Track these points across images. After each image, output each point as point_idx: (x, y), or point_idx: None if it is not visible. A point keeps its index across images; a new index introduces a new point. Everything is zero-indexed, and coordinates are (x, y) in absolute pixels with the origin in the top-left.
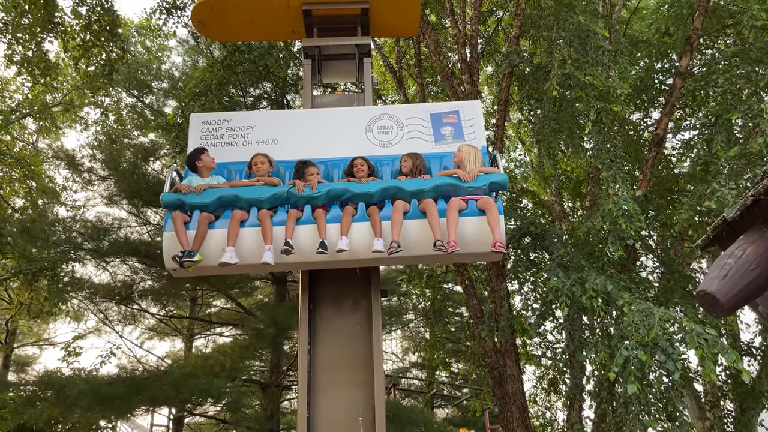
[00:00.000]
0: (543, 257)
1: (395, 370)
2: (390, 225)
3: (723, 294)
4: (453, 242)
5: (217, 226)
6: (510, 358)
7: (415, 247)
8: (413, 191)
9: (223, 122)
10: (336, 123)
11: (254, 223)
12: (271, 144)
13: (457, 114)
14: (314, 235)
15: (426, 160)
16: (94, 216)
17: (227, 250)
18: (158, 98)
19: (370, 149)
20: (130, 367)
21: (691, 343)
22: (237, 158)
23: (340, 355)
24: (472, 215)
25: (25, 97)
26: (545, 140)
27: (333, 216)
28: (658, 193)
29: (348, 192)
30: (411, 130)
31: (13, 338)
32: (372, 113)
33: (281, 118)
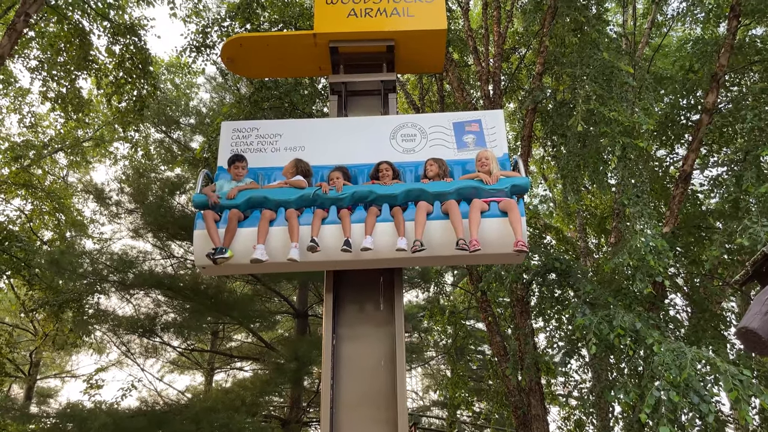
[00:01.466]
0: (568, 294)
1: (416, 409)
2: (413, 225)
3: (765, 331)
4: (475, 241)
5: (246, 225)
6: (535, 397)
7: (438, 248)
8: (436, 193)
9: (252, 130)
10: (361, 130)
11: (282, 223)
12: (298, 150)
13: (480, 123)
14: (339, 235)
15: (449, 166)
16: (119, 249)
17: (258, 248)
18: (185, 134)
19: (394, 156)
20: (151, 401)
21: (725, 385)
22: (266, 164)
23: (363, 390)
24: (494, 217)
25: (57, 132)
26: (570, 176)
27: (358, 217)
28: (685, 230)
29: (372, 194)
30: (434, 138)
31: (36, 370)
32: (396, 122)
33: (308, 126)
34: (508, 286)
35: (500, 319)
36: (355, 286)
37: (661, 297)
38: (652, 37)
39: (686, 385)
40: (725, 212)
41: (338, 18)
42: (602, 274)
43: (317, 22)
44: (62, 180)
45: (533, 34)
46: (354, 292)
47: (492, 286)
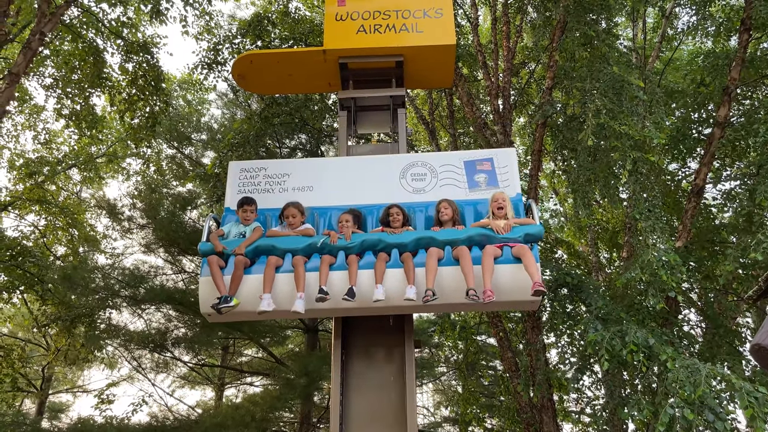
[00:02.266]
0: (579, 309)
1: (427, 425)
2: (423, 271)
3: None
4: (489, 291)
5: (253, 271)
6: (547, 413)
7: (450, 295)
8: (446, 241)
9: (260, 170)
10: (370, 170)
11: (289, 269)
12: (306, 191)
13: (492, 161)
14: (347, 282)
15: (459, 207)
16: (131, 263)
17: (264, 298)
18: (197, 149)
19: (403, 196)
20: (162, 416)
21: (741, 402)
22: (273, 205)
23: (373, 407)
24: (507, 263)
25: (71, 148)
26: (580, 190)
27: (366, 262)
28: (699, 244)
29: (382, 242)
30: (444, 177)
31: (48, 385)
32: (406, 161)
33: (316, 166)
34: None
35: (511, 334)
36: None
37: (675, 313)
38: (662, 51)
39: (701, 402)
40: (739, 226)
41: (348, 34)
42: (614, 289)
43: (327, 38)
44: (76, 196)
45: (543, 48)
46: (363, 334)
47: None
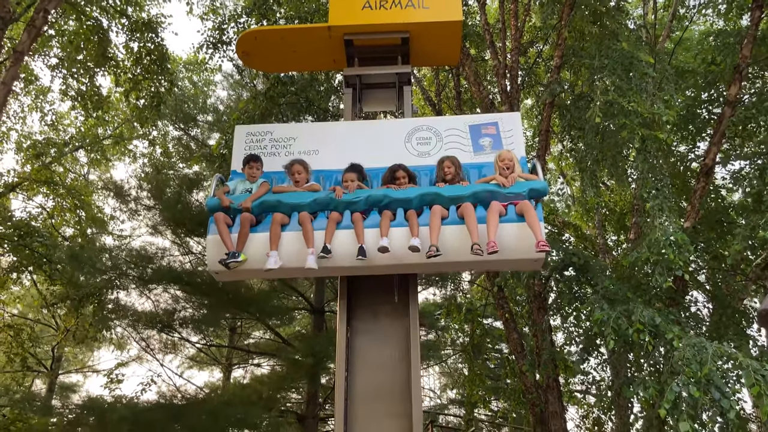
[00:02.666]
0: (586, 291)
1: (433, 407)
2: (428, 230)
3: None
4: (493, 243)
5: (260, 230)
6: (552, 394)
7: (454, 253)
8: (452, 197)
9: (266, 133)
10: (375, 134)
11: (295, 227)
12: (312, 155)
13: (497, 125)
14: (353, 240)
15: (464, 170)
16: (139, 245)
17: (271, 255)
18: (203, 131)
19: (408, 159)
20: (170, 395)
21: (747, 380)
22: (279, 168)
23: (378, 380)
24: (511, 221)
25: (77, 130)
26: (588, 170)
27: (372, 222)
28: (707, 225)
29: (387, 198)
30: (449, 141)
31: (58, 365)
32: (411, 125)
33: (322, 130)
34: (525, 282)
35: (517, 317)
36: (369, 290)
37: (682, 293)
38: (673, 31)
39: (707, 380)
40: (748, 207)
41: (353, 10)
42: (621, 270)
43: (332, 14)
44: (83, 178)
45: (551, 27)
46: (368, 296)
47: (509, 282)
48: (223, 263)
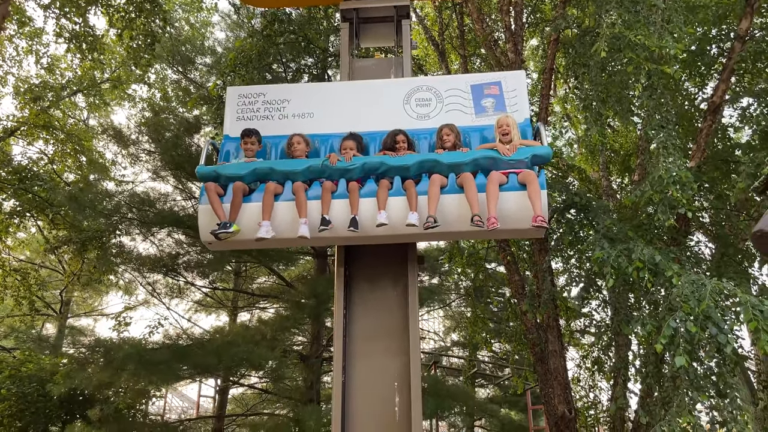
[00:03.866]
0: (588, 234)
1: (436, 349)
2: (426, 200)
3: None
4: (493, 218)
5: (253, 199)
6: (552, 333)
7: (453, 223)
8: (451, 164)
9: (259, 95)
10: (373, 95)
11: (289, 197)
12: (306, 118)
13: (499, 85)
14: (348, 210)
15: (465, 133)
16: (141, 190)
17: (263, 225)
18: (202, 74)
19: (407, 122)
20: (176, 336)
21: (745, 315)
22: (273, 132)
23: (376, 325)
24: (512, 190)
25: (74, 73)
26: (592, 108)
27: (368, 190)
28: (712, 164)
29: (384, 165)
30: (450, 102)
31: (67, 309)
32: (410, 85)
33: (317, 91)
34: None
35: (519, 260)
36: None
37: (684, 233)
38: None
39: (705, 317)
40: (755, 146)
41: None
42: (624, 211)
43: None
44: (83, 123)
45: None
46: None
47: None
48: (214, 234)
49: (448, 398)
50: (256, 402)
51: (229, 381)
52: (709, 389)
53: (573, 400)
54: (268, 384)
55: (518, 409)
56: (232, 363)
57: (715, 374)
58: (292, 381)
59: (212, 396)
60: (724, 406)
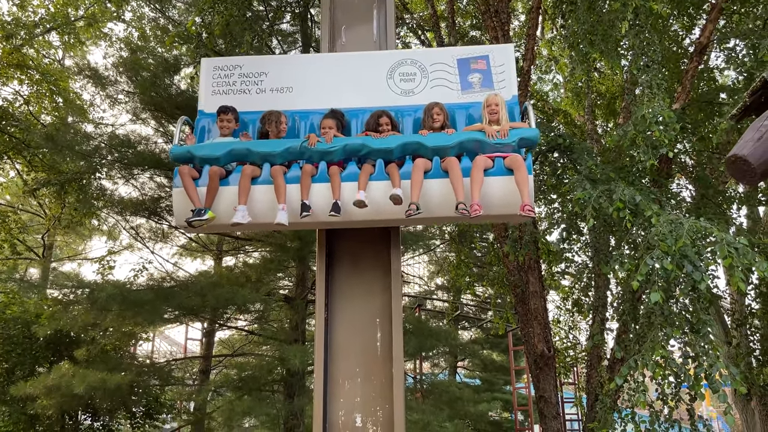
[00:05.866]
0: (572, 178)
1: (420, 293)
2: (410, 184)
3: (756, 158)
4: (477, 205)
5: (230, 182)
6: (533, 275)
7: (437, 208)
8: (435, 147)
9: (235, 68)
10: (355, 69)
11: (267, 180)
12: (285, 92)
13: (487, 59)
14: (330, 194)
15: (451, 111)
16: (121, 133)
17: (239, 209)
18: (180, 12)
19: (391, 98)
20: (160, 279)
21: (720, 252)
22: (250, 107)
23: (359, 313)
24: (498, 174)
25: (47, 10)
26: (578, 48)
27: (349, 173)
28: (697, 106)
29: (365, 147)
30: (436, 77)
31: (50, 253)
32: (394, 58)
33: (297, 64)
34: None
35: None
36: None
37: (666, 175)
38: None
39: (681, 255)
40: (739, 89)
41: None
42: (608, 154)
43: None
44: (58, 63)
45: None
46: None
47: None
48: (188, 222)
49: (430, 338)
50: (243, 344)
51: (216, 324)
52: (683, 325)
53: (552, 340)
54: (254, 326)
55: (500, 350)
56: (217, 304)
57: (689, 311)
58: (278, 323)
59: (199, 339)
60: (696, 341)
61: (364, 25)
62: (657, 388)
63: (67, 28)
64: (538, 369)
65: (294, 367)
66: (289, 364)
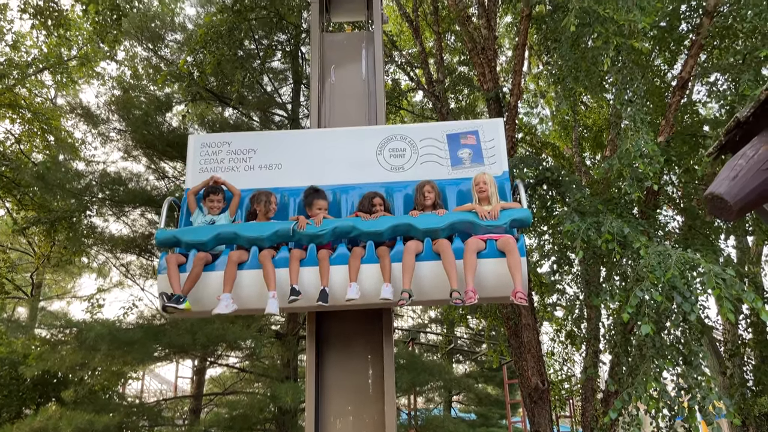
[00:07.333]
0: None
1: (414, 326)
2: (401, 266)
3: (732, 195)
4: (471, 291)
5: (217, 267)
6: (525, 307)
7: (430, 292)
8: (426, 230)
9: (223, 144)
10: (345, 145)
11: (255, 265)
12: (274, 169)
13: (476, 134)
14: (319, 279)
15: (442, 187)
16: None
17: (223, 298)
18: (172, 51)
19: (381, 175)
20: (150, 316)
21: (708, 283)
22: (239, 185)
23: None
24: (491, 257)
25: (40, 50)
26: (562, 82)
27: (339, 255)
28: (681, 139)
29: (355, 230)
30: (425, 153)
31: (39, 291)
32: (383, 134)
33: (285, 140)
34: None
35: None
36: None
37: (653, 206)
38: None
39: (671, 286)
40: (722, 121)
41: None
42: (596, 186)
43: None
44: (50, 102)
45: None
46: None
47: None
48: (163, 307)
49: (424, 372)
50: (234, 381)
51: (206, 361)
52: (675, 357)
53: (546, 373)
54: (246, 363)
55: (495, 383)
56: (208, 341)
57: (680, 342)
58: (269, 359)
59: (190, 377)
60: (689, 373)
61: (353, 63)
62: (652, 422)
63: (59, 68)
64: (532, 403)
65: (286, 404)
66: (281, 402)
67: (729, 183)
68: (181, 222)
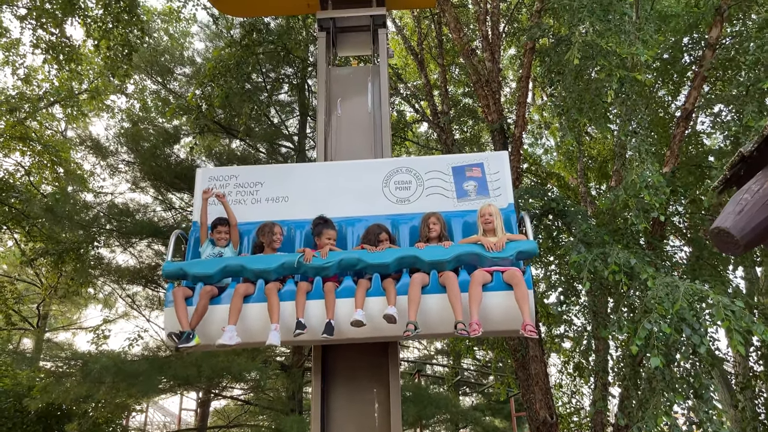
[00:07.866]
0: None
1: (420, 357)
2: (407, 299)
3: (738, 230)
4: (476, 324)
5: (223, 300)
6: (532, 339)
7: (436, 325)
8: (432, 262)
9: (230, 178)
10: (351, 178)
11: (261, 298)
12: (281, 202)
13: (482, 167)
14: (324, 312)
15: (448, 220)
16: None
17: (227, 330)
18: (181, 84)
19: (387, 207)
20: (155, 348)
21: (717, 315)
22: (246, 218)
23: None
24: (498, 290)
25: (51, 84)
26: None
27: (346, 287)
28: (686, 169)
29: (361, 262)
30: (431, 185)
31: (45, 323)
32: (389, 167)
33: (292, 173)
34: None
35: None
36: None
37: (660, 236)
38: None
39: (680, 318)
40: (727, 151)
41: None
42: (602, 216)
43: None
44: (60, 134)
45: None
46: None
47: None
48: (175, 347)
49: (430, 405)
50: (239, 414)
51: (211, 393)
52: (685, 390)
53: (555, 406)
54: (250, 395)
55: (502, 416)
56: (213, 374)
57: (691, 375)
58: (274, 392)
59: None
60: (699, 407)
61: (359, 96)
62: None
63: (70, 101)
64: None
65: None
66: None
67: (735, 217)
68: (188, 254)
